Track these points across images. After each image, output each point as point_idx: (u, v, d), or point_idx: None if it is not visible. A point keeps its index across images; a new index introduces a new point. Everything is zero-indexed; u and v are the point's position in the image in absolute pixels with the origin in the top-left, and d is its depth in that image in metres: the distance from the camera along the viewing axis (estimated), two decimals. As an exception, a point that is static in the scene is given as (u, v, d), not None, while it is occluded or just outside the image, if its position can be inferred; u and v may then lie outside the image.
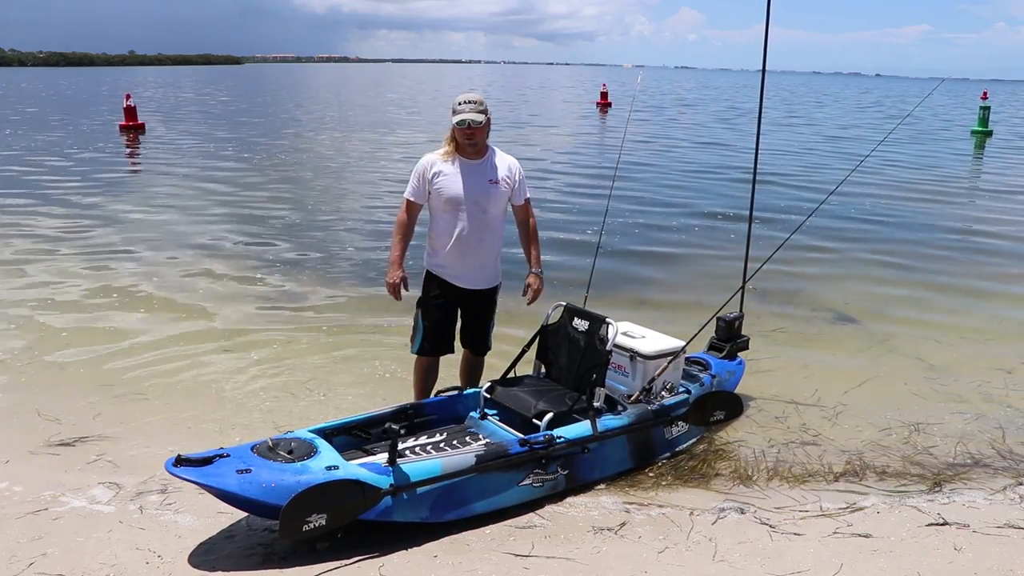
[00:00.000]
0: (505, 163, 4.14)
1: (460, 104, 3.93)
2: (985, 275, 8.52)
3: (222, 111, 32.22)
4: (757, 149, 5.46)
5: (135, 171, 15.48)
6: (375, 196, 12.78)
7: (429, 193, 4.05)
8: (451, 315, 4.24)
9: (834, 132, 26.65)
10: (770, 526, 3.48)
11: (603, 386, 3.96)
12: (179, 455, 3.11)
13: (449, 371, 4.45)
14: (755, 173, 5.30)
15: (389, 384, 5.13)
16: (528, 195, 4.26)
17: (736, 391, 4.80)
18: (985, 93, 37.13)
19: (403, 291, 4.14)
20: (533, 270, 4.31)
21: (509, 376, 4.29)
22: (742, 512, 3.62)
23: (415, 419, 4.01)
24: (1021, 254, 9.61)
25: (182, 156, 17.16)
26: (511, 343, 4.46)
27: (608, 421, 3.92)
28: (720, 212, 11.58)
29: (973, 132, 25.83)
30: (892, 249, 9.56)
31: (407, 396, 4.46)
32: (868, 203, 12.39)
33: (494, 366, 4.43)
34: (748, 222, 5.18)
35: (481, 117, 3.92)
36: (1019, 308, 7.38)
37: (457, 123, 3.91)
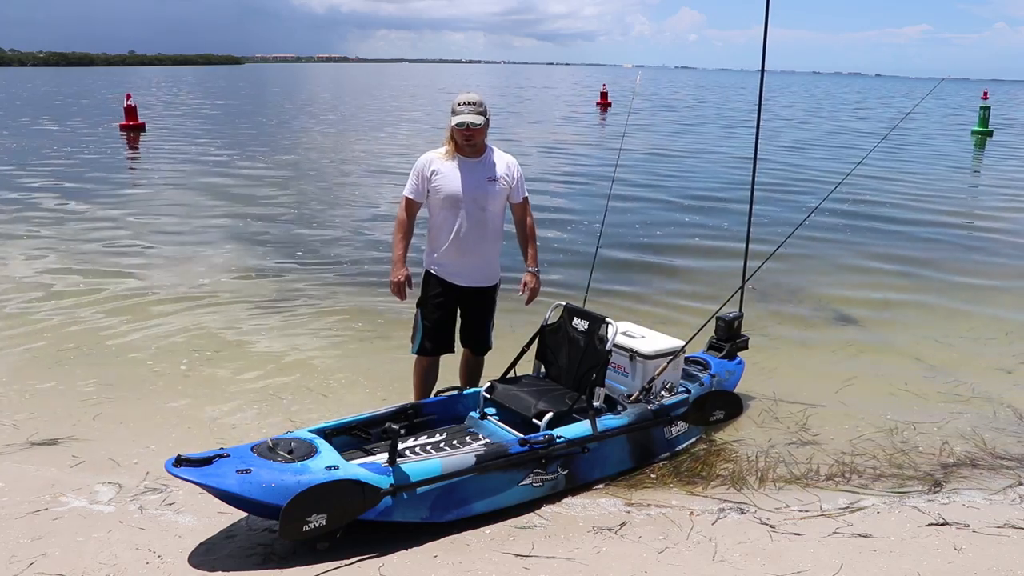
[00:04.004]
0: (503, 161, 4.14)
1: (459, 105, 3.93)
2: (984, 275, 8.51)
3: (222, 111, 32.19)
4: (756, 149, 5.46)
5: (134, 171, 15.46)
6: (374, 195, 12.77)
7: (428, 191, 4.06)
8: (451, 314, 4.24)
9: (832, 133, 26.64)
10: (770, 526, 3.48)
11: (603, 386, 3.96)
12: (179, 455, 3.11)
13: (449, 371, 4.45)
14: (754, 175, 5.30)
15: (389, 384, 5.12)
16: (526, 194, 4.26)
17: (736, 391, 4.81)
18: (985, 93, 37.16)
19: (407, 289, 4.15)
20: (530, 269, 4.31)
21: (509, 376, 4.29)
22: (742, 512, 3.62)
23: (415, 419, 4.01)
24: (1021, 254, 9.61)
25: (182, 156, 17.14)
26: (511, 343, 4.45)
27: (608, 421, 3.92)
28: (719, 213, 11.57)
29: (973, 132, 25.82)
30: (891, 250, 9.56)
31: (407, 396, 4.46)
32: (867, 203, 12.37)
33: (494, 366, 4.43)
34: (747, 222, 5.18)
35: (480, 119, 3.92)
36: (1019, 309, 7.38)
37: (456, 124, 3.91)
